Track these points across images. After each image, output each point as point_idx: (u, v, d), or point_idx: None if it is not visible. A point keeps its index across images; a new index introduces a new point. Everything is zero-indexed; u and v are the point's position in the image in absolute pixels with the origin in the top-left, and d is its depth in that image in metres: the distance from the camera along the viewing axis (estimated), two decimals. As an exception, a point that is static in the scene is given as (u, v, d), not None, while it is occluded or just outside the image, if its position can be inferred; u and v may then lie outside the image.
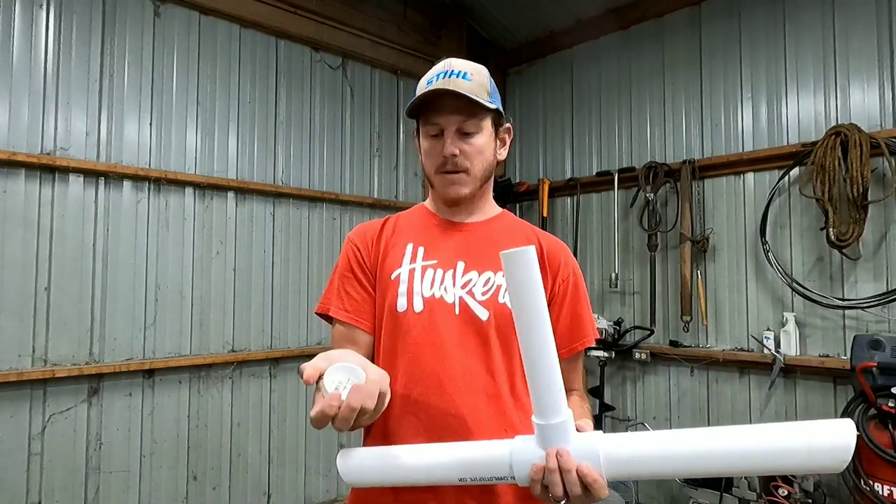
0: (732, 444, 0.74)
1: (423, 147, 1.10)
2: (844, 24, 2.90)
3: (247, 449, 3.18)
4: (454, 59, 1.09)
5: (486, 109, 1.05)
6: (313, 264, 3.53)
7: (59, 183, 2.63)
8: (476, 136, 1.07)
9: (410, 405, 1.02)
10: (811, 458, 0.70)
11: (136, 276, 2.83)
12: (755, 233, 3.12)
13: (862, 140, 2.68)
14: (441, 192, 1.11)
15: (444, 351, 1.02)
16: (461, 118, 1.04)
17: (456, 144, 1.05)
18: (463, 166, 1.07)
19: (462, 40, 4.24)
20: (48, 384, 2.56)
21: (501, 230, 1.15)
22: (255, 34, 3.33)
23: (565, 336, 1.10)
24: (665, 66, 3.59)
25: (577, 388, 1.14)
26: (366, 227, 1.17)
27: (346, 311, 1.09)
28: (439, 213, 1.17)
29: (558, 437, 0.80)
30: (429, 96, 1.03)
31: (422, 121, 1.09)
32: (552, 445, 0.79)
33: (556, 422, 0.79)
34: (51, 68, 2.63)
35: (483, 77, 1.08)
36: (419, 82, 1.11)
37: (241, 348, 3.19)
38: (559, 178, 4.10)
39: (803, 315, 2.97)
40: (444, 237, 1.12)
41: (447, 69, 1.06)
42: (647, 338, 3.46)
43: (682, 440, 0.77)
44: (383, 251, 1.12)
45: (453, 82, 1.03)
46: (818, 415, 2.88)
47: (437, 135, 1.07)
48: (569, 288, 1.12)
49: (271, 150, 3.38)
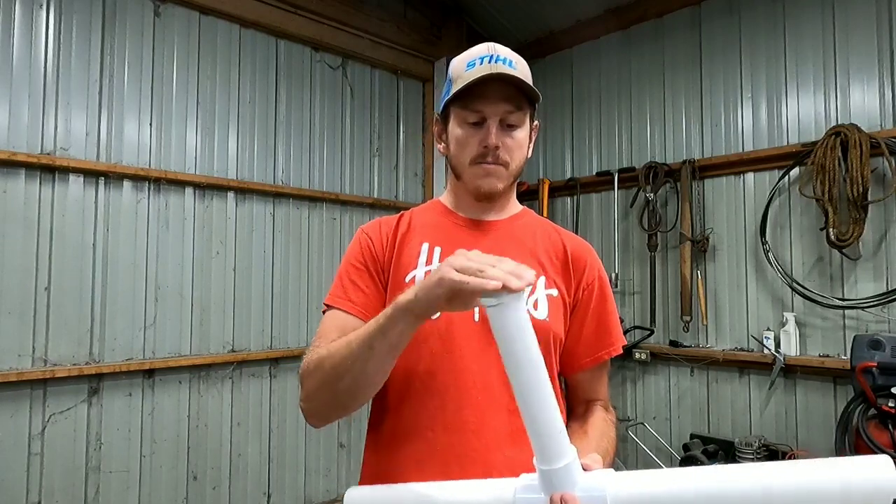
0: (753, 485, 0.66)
1: (457, 135, 0.99)
2: (844, 24, 2.90)
3: (247, 449, 3.18)
4: (497, 44, 0.99)
5: (530, 102, 0.98)
6: (313, 264, 3.53)
7: (59, 183, 2.63)
8: (518, 130, 0.99)
9: (426, 419, 0.94)
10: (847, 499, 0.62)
11: (136, 276, 2.83)
12: (755, 233, 3.12)
13: (862, 140, 2.68)
14: (473, 184, 1.01)
15: (462, 362, 0.94)
16: (508, 108, 0.96)
17: (500, 137, 0.96)
18: (503, 160, 0.98)
19: (462, 40, 4.24)
20: (48, 384, 2.56)
21: (524, 229, 1.07)
22: (255, 34, 3.33)
23: (591, 344, 1.04)
24: (665, 66, 3.59)
25: (601, 398, 1.08)
26: (381, 222, 1.08)
27: (352, 303, 0.98)
28: (459, 211, 1.07)
29: (563, 481, 0.73)
30: (476, 81, 0.93)
31: (459, 105, 0.98)
32: (556, 489, 0.73)
33: (559, 466, 0.72)
34: (51, 68, 2.63)
35: (527, 69, 1.00)
36: (454, 64, 1.01)
37: (241, 348, 3.19)
38: (559, 178, 4.10)
39: (803, 315, 2.97)
40: (463, 237, 1.03)
41: (491, 53, 0.96)
42: (647, 338, 3.46)
43: (695, 480, 0.70)
44: (398, 249, 1.03)
45: (500, 69, 0.94)
46: (818, 415, 2.88)
47: (476, 123, 0.97)
48: (594, 292, 1.05)
49: (271, 150, 3.38)
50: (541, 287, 1.00)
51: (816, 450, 2.84)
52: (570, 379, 1.08)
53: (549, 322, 0.98)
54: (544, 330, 0.96)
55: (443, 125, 1.05)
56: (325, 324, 0.98)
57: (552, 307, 1.00)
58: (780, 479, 0.65)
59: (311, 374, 0.91)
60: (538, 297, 0.99)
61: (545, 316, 0.98)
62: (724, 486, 0.68)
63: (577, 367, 1.05)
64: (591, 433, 0.97)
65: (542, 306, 0.99)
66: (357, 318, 0.97)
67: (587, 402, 1.07)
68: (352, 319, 0.97)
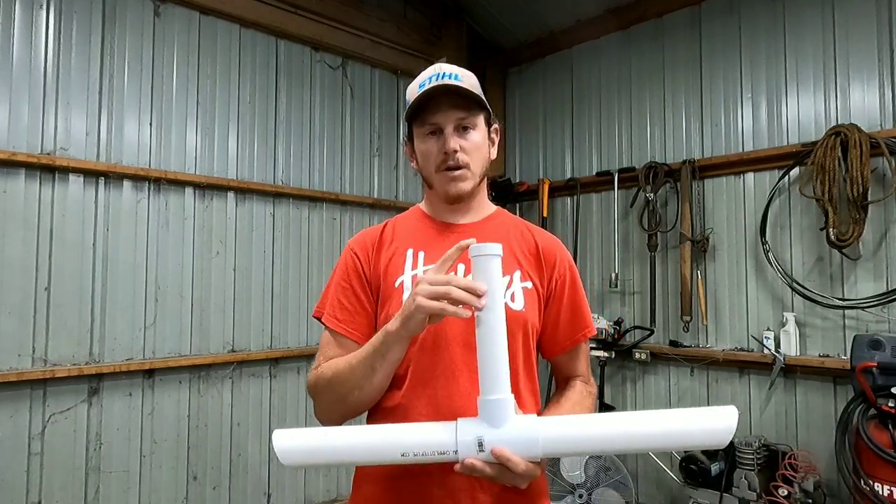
0: (647, 428, 0.86)
1: (421, 149, 1.11)
2: (844, 24, 2.90)
3: (247, 449, 3.18)
4: (443, 63, 1.11)
5: (480, 106, 1.08)
6: (313, 264, 3.53)
7: (59, 183, 2.63)
8: (473, 133, 1.09)
9: (417, 410, 1.02)
10: (704, 436, 0.84)
11: (136, 277, 2.83)
12: (755, 233, 3.12)
13: (862, 140, 2.67)
14: (442, 190, 1.11)
15: (449, 355, 1.03)
16: (459, 114, 1.07)
17: (456, 140, 1.07)
18: (464, 162, 1.08)
19: (462, 40, 4.24)
20: (48, 384, 2.56)
21: (496, 229, 1.16)
22: (255, 34, 3.33)
23: (567, 328, 1.14)
24: (665, 65, 3.59)
25: (581, 374, 1.19)
26: (365, 235, 1.17)
27: (337, 320, 1.10)
28: (435, 216, 1.17)
29: (497, 414, 0.86)
30: (424, 97, 1.05)
31: (417, 123, 1.10)
32: (493, 422, 0.86)
33: (493, 398, 0.86)
34: (51, 68, 2.63)
35: (473, 79, 1.11)
36: (409, 89, 1.13)
37: (241, 348, 3.19)
38: (559, 178, 4.10)
39: (803, 315, 2.97)
40: (442, 240, 1.12)
41: (438, 72, 1.08)
42: (647, 338, 3.46)
43: (606, 424, 0.88)
44: (385, 258, 1.12)
45: (445, 83, 1.05)
46: (818, 415, 2.88)
47: (434, 132, 1.08)
48: (566, 283, 1.15)
49: (271, 150, 3.38)
50: (517, 280, 1.10)
51: (817, 450, 2.84)
52: (554, 361, 1.20)
53: (524, 312, 1.08)
54: (521, 319, 1.07)
55: (411, 146, 1.16)
56: (323, 342, 1.13)
57: (528, 298, 1.09)
58: (656, 424, 0.86)
59: (322, 393, 1.05)
60: (514, 290, 1.09)
61: (521, 307, 1.08)
62: (626, 427, 0.87)
63: (558, 350, 1.16)
64: (564, 403, 1.10)
65: (519, 298, 1.08)
66: (346, 337, 1.10)
67: (568, 378, 1.19)
68: (342, 338, 1.10)
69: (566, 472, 3.08)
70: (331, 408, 1.05)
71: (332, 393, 1.02)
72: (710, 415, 0.84)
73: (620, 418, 0.88)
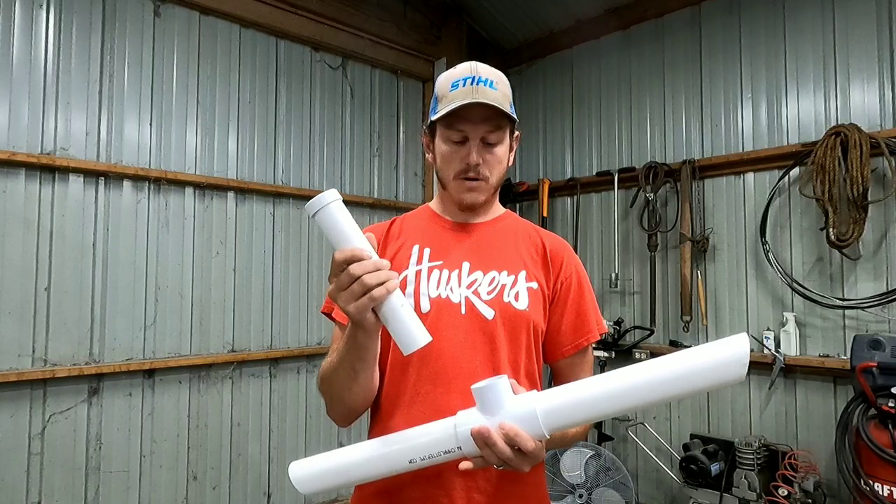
0: (650, 376, 0.79)
1: (442, 151, 1.09)
2: (844, 24, 2.90)
3: (247, 449, 3.18)
4: (479, 64, 1.09)
5: (510, 121, 1.07)
6: (313, 264, 3.52)
7: (59, 183, 2.63)
8: (498, 147, 1.08)
9: (418, 404, 1.03)
10: (717, 373, 0.76)
11: (136, 276, 2.83)
12: (755, 233, 3.12)
13: (862, 140, 2.68)
14: (457, 197, 1.11)
15: (451, 350, 1.03)
16: (488, 128, 1.05)
17: (480, 154, 1.06)
18: (484, 175, 1.08)
19: (462, 40, 4.24)
20: (48, 384, 2.56)
21: (504, 230, 1.16)
22: (255, 34, 3.33)
23: (571, 333, 1.12)
24: (665, 65, 3.59)
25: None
26: (373, 230, 1.16)
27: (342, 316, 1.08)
28: (446, 215, 1.17)
29: (494, 400, 0.83)
30: (457, 108, 1.02)
31: (443, 124, 1.07)
32: (491, 409, 0.83)
33: (483, 385, 0.84)
34: (51, 68, 2.63)
35: (507, 87, 1.09)
36: (439, 81, 1.10)
37: (241, 348, 3.19)
38: (559, 178, 4.10)
39: (803, 315, 2.97)
40: (449, 238, 1.13)
41: (474, 75, 1.05)
42: (648, 338, 3.47)
43: (606, 381, 0.82)
44: (390, 253, 1.12)
45: (481, 91, 1.03)
46: (818, 415, 2.88)
47: (459, 141, 1.07)
48: (572, 286, 1.13)
49: (271, 149, 3.38)
50: (522, 280, 1.09)
51: (817, 450, 2.84)
52: (555, 365, 1.16)
53: (528, 312, 1.07)
54: (524, 318, 1.06)
55: (430, 137, 1.14)
56: (334, 337, 1.11)
57: (532, 299, 1.08)
58: (659, 370, 0.79)
59: (324, 394, 1.05)
60: (519, 290, 1.08)
61: (526, 307, 1.07)
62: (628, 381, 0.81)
63: (560, 355, 1.14)
64: None
65: (523, 298, 1.08)
66: None
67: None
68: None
69: (566, 471, 3.08)
70: (333, 406, 1.05)
71: (329, 394, 1.04)
72: (719, 347, 0.76)
73: (623, 372, 0.82)
